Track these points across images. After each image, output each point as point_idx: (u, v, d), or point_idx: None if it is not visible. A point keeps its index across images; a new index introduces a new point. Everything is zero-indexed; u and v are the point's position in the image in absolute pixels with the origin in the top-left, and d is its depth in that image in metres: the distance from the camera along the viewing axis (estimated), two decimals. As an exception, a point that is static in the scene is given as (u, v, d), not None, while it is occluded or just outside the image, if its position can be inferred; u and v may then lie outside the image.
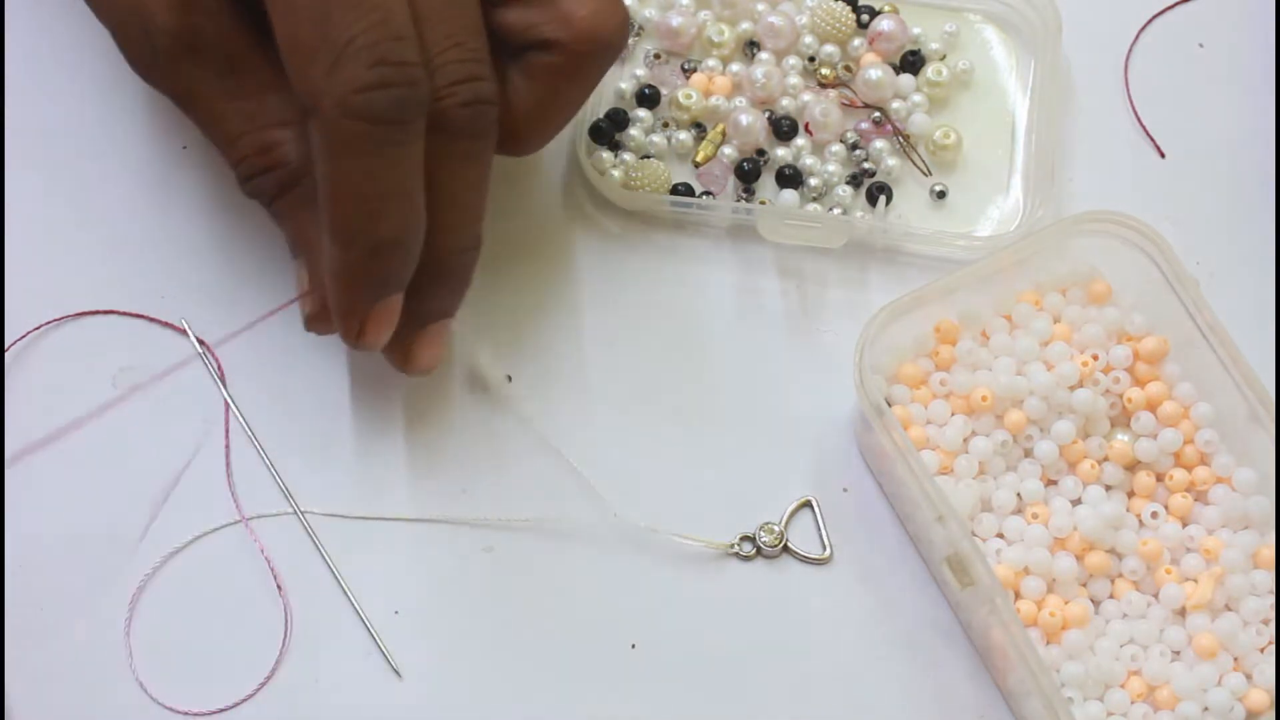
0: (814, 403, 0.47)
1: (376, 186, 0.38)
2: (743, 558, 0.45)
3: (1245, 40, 0.54)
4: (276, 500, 0.45)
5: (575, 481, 0.46)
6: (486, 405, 0.47)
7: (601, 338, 0.48)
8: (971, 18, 0.54)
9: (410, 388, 0.47)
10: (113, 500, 0.45)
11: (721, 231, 0.50)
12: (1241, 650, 0.43)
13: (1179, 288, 0.45)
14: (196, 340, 0.46)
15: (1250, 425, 0.44)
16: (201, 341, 0.46)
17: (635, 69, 0.52)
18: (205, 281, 0.48)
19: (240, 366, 0.46)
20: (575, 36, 0.41)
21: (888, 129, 0.51)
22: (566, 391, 0.48)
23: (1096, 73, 0.53)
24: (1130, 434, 0.45)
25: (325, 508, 0.45)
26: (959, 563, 0.41)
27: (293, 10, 0.37)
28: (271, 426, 0.46)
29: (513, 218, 0.50)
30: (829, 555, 0.45)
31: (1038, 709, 0.41)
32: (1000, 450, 0.45)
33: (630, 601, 0.45)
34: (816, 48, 0.52)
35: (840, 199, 0.50)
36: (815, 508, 0.46)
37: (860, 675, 0.44)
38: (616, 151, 0.51)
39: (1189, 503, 0.45)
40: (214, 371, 0.46)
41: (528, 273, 0.49)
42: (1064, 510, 0.44)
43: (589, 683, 0.44)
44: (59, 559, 0.44)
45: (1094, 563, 0.44)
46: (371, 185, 0.38)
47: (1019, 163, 0.51)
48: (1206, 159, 0.52)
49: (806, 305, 0.49)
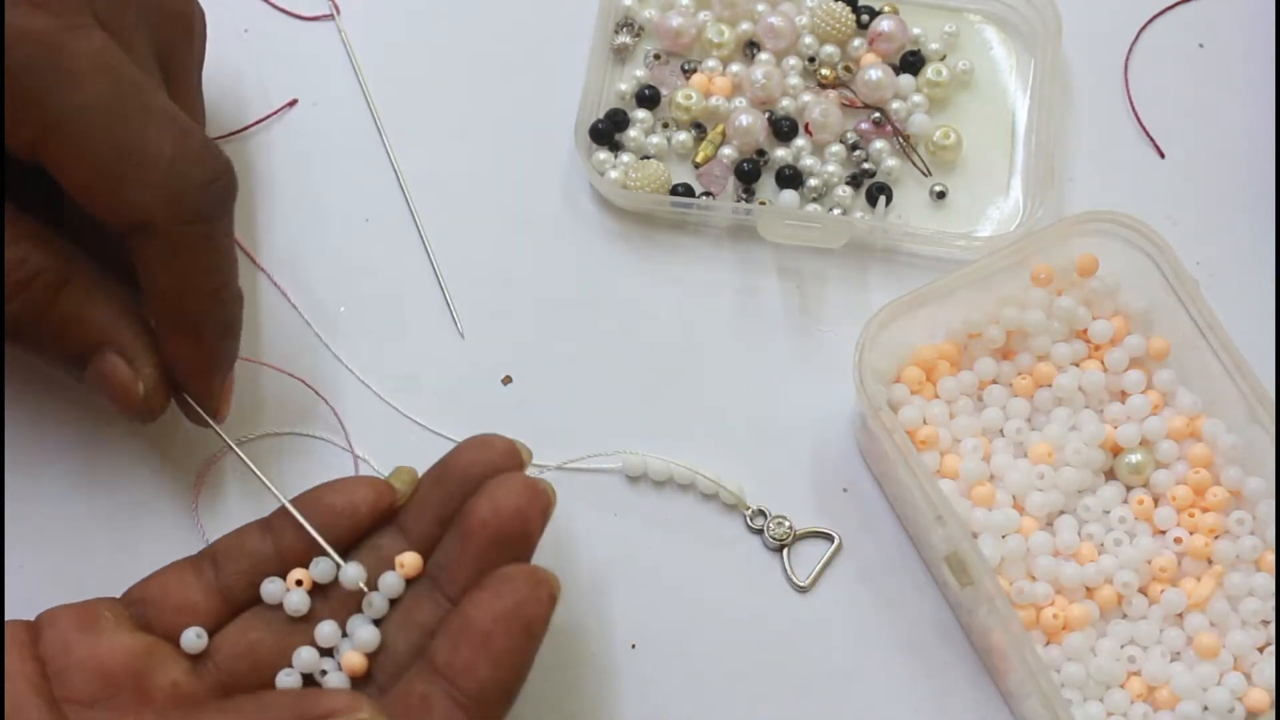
0: (814, 403, 0.47)
1: (216, 277, 0.41)
2: (751, 529, 0.46)
3: (1245, 40, 0.54)
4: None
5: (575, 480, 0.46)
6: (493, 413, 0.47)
7: (602, 338, 0.48)
8: (971, 18, 0.54)
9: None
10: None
11: (721, 231, 0.50)
12: (1241, 650, 0.43)
13: (1179, 288, 0.45)
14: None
15: (1250, 425, 0.44)
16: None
17: (635, 69, 0.52)
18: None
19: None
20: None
21: (888, 129, 0.51)
22: (566, 391, 0.48)
23: (1096, 73, 0.53)
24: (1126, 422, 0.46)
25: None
26: (959, 563, 0.41)
27: (86, 148, 0.38)
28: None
29: (513, 218, 0.50)
30: (807, 585, 0.45)
31: (1037, 709, 0.41)
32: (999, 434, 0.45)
33: (630, 601, 0.45)
34: (816, 48, 0.52)
35: (840, 199, 0.50)
36: (835, 547, 0.46)
37: (860, 675, 0.44)
38: (616, 152, 0.51)
39: (1189, 499, 0.45)
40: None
41: (528, 273, 0.49)
42: (1069, 527, 0.44)
43: (589, 683, 0.44)
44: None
45: (1098, 573, 0.44)
46: (212, 277, 0.41)
47: (1019, 163, 0.51)
48: (1206, 159, 0.52)
49: (806, 305, 0.49)
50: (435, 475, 0.39)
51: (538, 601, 0.36)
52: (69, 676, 0.37)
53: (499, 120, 0.52)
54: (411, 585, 0.39)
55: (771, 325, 0.49)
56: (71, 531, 0.45)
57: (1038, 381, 0.46)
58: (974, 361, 0.47)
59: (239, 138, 0.51)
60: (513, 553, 0.37)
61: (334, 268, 0.49)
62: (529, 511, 0.37)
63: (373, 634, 0.38)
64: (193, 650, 0.38)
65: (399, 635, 0.38)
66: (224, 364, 0.43)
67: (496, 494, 0.37)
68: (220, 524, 0.45)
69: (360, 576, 0.38)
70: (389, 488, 0.39)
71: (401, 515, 0.40)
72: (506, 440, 0.39)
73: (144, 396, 0.41)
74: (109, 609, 0.38)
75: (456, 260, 0.50)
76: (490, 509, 0.37)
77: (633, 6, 0.53)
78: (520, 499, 0.37)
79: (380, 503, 0.39)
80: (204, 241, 0.40)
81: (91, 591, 0.39)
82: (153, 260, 0.40)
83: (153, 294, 0.41)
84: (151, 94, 0.39)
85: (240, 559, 0.39)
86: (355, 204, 0.50)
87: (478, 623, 0.36)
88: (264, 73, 0.52)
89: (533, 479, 0.38)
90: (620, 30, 0.53)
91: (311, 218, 0.50)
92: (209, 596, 0.39)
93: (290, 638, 0.39)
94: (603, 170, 0.50)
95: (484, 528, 0.37)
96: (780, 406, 0.48)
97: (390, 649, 0.38)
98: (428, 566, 0.39)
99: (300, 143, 0.51)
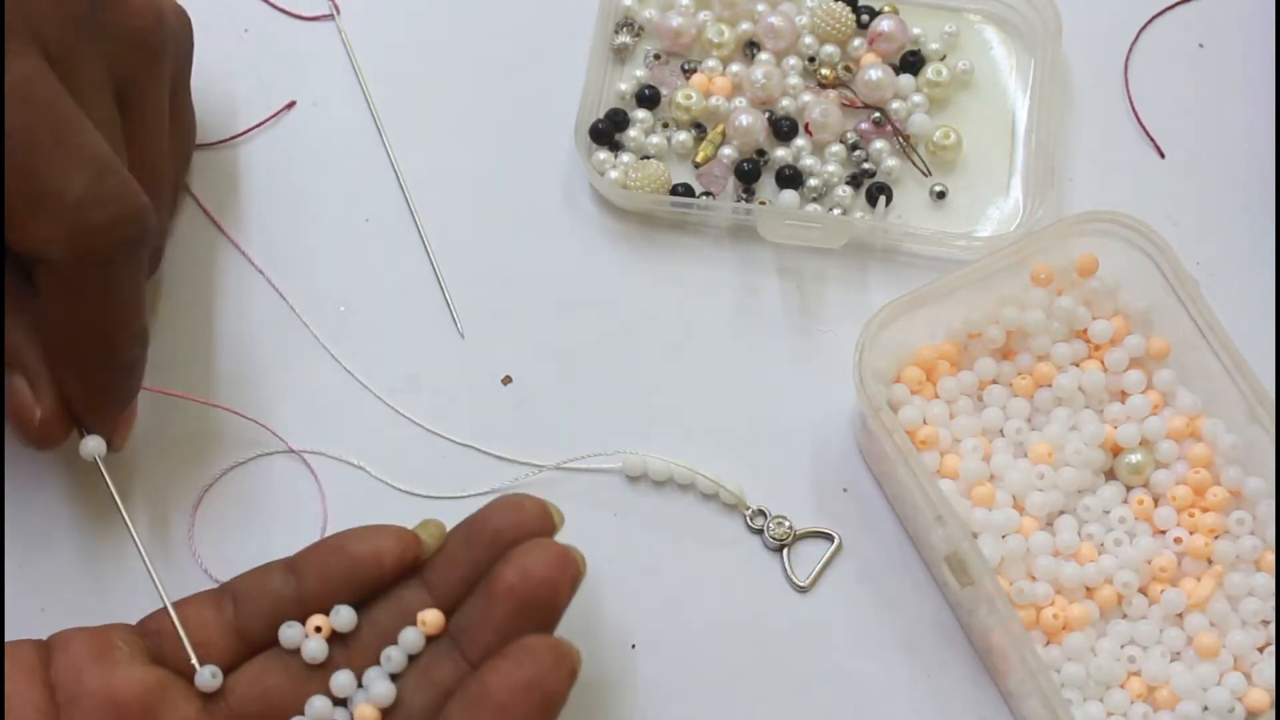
0: (814, 403, 0.47)
1: (111, 319, 0.40)
2: (751, 529, 0.46)
3: (1245, 40, 0.54)
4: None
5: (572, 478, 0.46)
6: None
7: (602, 338, 0.48)
8: (971, 18, 0.54)
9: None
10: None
11: (721, 231, 0.50)
12: (1241, 650, 0.43)
13: (1179, 288, 0.45)
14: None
15: (1250, 425, 0.44)
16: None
17: (635, 69, 0.52)
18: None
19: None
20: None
21: (888, 129, 0.51)
22: (566, 391, 0.48)
23: (1096, 73, 0.53)
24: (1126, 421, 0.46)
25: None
26: (959, 563, 0.41)
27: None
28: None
29: (513, 218, 0.50)
30: (807, 586, 0.45)
31: (1037, 709, 0.41)
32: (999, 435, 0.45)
33: (630, 601, 0.45)
34: (816, 48, 0.52)
35: (840, 199, 0.50)
36: (835, 547, 0.46)
37: (860, 675, 0.44)
38: (616, 152, 0.51)
39: (1189, 499, 0.45)
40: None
41: (528, 273, 0.49)
42: (1069, 527, 0.44)
43: (589, 682, 0.44)
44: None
45: (1098, 572, 0.44)
46: (107, 319, 0.40)
47: (1019, 163, 0.51)
48: (1206, 159, 0.52)
49: (806, 305, 0.49)
50: (464, 532, 0.39)
51: (558, 676, 0.36)
52: (78, 707, 0.36)
53: (499, 120, 0.52)
54: (432, 643, 0.38)
55: (771, 325, 0.49)
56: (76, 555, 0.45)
57: (1038, 381, 0.46)
58: (974, 361, 0.47)
59: (239, 140, 0.51)
60: (538, 621, 0.37)
61: (334, 268, 0.49)
62: (558, 580, 0.37)
63: (389, 689, 0.37)
64: (207, 689, 0.37)
65: (415, 693, 0.38)
66: (115, 400, 0.42)
67: (526, 560, 0.37)
68: (213, 535, 0.45)
69: (352, 622, 0.38)
70: (415, 539, 0.39)
71: (427, 570, 0.39)
72: (538, 502, 0.39)
73: (39, 424, 0.41)
74: (123, 639, 0.38)
75: (456, 260, 0.49)
76: (518, 575, 0.37)
77: (633, 6, 0.53)
78: (550, 569, 0.37)
79: (405, 555, 0.38)
80: (101, 284, 0.39)
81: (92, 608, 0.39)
82: (48, 294, 0.39)
83: (45, 324, 0.40)
84: (74, 129, 0.38)
85: (261, 599, 0.38)
86: (355, 204, 0.50)
87: (496, 693, 0.35)
88: (264, 73, 0.52)
89: (564, 547, 0.37)
90: (620, 30, 0.53)
91: (311, 218, 0.50)
92: (226, 634, 0.38)
93: (306, 684, 0.38)
94: (603, 170, 0.50)
95: (511, 594, 0.37)
96: (780, 406, 0.48)
97: (405, 706, 0.38)
98: (450, 626, 0.38)
99: (300, 143, 0.51)
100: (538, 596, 0.37)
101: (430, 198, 0.50)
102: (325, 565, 0.38)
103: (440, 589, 0.38)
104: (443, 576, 0.39)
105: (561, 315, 0.49)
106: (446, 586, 0.38)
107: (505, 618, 0.37)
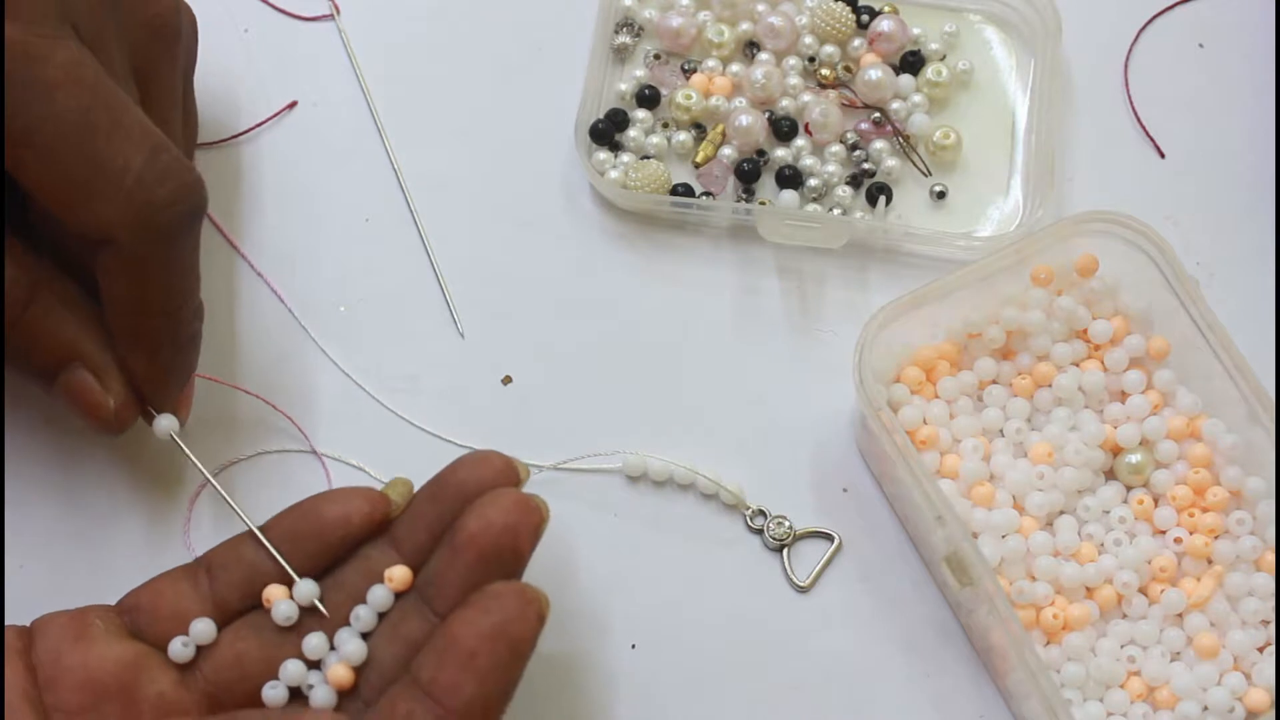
0: (814, 403, 0.47)
1: (175, 295, 0.41)
2: (751, 529, 0.46)
3: (1245, 40, 0.54)
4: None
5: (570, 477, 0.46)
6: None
7: (602, 337, 0.48)
8: (971, 18, 0.54)
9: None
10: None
11: (721, 231, 0.50)
12: (1241, 650, 0.43)
13: (1179, 288, 0.45)
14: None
15: (1250, 425, 0.44)
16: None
17: (635, 69, 0.52)
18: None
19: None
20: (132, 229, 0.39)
21: (888, 129, 0.51)
22: (566, 391, 0.48)
23: (1096, 73, 0.53)
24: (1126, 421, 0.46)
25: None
26: (959, 563, 0.41)
27: (55, 159, 0.38)
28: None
29: (513, 218, 0.50)
30: (806, 586, 0.45)
31: (1037, 709, 0.41)
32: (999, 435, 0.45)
33: (630, 601, 0.45)
34: (816, 48, 0.52)
35: (840, 199, 0.50)
36: (835, 547, 0.46)
37: (860, 675, 0.44)
38: (616, 152, 0.51)
39: (1189, 499, 0.45)
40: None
41: (528, 273, 0.49)
42: (1069, 527, 0.45)
43: (589, 682, 0.44)
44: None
45: (1098, 572, 0.44)
46: (172, 295, 0.41)
47: (1019, 163, 0.51)
48: (1206, 159, 0.52)
49: (806, 305, 0.49)
50: (430, 489, 0.39)
51: (525, 620, 0.36)
52: (58, 686, 0.36)
53: (499, 120, 0.52)
54: (400, 599, 0.39)
55: (771, 325, 0.49)
56: (66, 537, 0.45)
57: (1038, 381, 0.46)
58: (974, 361, 0.47)
59: (239, 139, 0.51)
60: (502, 569, 0.37)
61: (334, 268, 0.49)
62: (520, 528, 0.37)
63: (359, 647, 0.38)
64: (180, 660, 0.38)
65: (386, 649, 0.38)
66: (180, 376, 0.43)
67: (488, 509, 0.37)
68: (209, 532, 0.45)
69: (314, 593, 0.38)
70: (383, 499, 0.39)
71: (394, 527, 0.39)
72: (504, 457, 0.39)
73: (114, 411, 0.41)
74: (101, 617, 0.38)
75: (456, 260, 0.50)
76: (480, 524, 0.37)
77: (633, 6, 0.53)
78: (511, 515, 0.37)
79: (374, 514, 0.39)
80: (165, 259, 0.40)
81: (85, 593, 0.39)
82: (113, 273, 0.40)
83: (111, 306, 0.41)
84: (125, 108, 0.39)
85: (235, 568, 0.39)
86: (355, 204, 0.50)
87: (463, 640, 0.35)
88: (264, 73, 0.52)
89: (526, 495, 0.38)
90: (620, 30, 0.53)
91: (311, 218, 0.50)
92: (203, 605, 0.39)
93: (278, 649, 0.38)
94: (603, 170, 0.50)
95: (473, 543, 0.37)
96: (780, 406, 0.48)
97: (377, 663, 0.38)
98: (417, 580, 0.38)
99: (300, 143, 0.51)
100: (500, 544, 0.37)
101: (430, 198, 0.50)
102: (296, 529, 0.39)
103: (407, 546, 0.39)
104: (409, 533, 0.39)
105: (561, 315, 0.49)
106: (413, 543, 0.39)
107: (469, 567, 0.37)
